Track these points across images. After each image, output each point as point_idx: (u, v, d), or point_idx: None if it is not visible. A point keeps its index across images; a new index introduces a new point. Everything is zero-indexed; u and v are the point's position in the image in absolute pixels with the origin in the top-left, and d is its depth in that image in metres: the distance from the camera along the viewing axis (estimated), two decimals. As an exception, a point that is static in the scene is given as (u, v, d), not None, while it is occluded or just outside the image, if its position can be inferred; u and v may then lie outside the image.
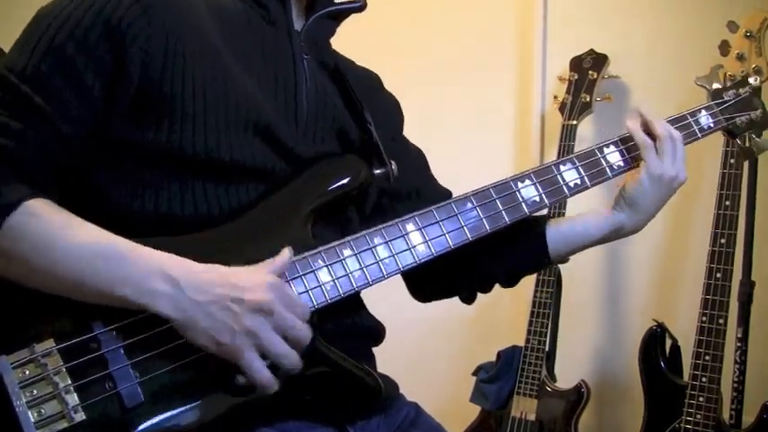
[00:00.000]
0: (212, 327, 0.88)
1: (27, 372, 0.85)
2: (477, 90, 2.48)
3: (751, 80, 1.79)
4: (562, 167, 1.14)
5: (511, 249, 1.22)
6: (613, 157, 1.19)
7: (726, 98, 1.29)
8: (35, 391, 0.84)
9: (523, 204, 1.10)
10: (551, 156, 2.31)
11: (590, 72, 2.21)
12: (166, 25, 0.94)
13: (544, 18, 2.38)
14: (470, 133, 2.49)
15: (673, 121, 1.22)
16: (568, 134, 2.19)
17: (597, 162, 1.17)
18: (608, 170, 1.18)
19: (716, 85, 1.37)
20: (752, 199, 1.96)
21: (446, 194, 1.29)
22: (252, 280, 0.90)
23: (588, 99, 2.19)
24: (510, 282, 1.28)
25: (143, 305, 0.87)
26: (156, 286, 0.87)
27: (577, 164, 1.15)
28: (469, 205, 1.07)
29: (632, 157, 1.20)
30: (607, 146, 1.19)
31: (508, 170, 2.43)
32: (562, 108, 2.23)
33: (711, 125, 1.26)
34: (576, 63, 2.25)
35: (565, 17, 2.37)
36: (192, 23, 0.97)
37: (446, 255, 1.07)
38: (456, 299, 1.34)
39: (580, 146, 2.21)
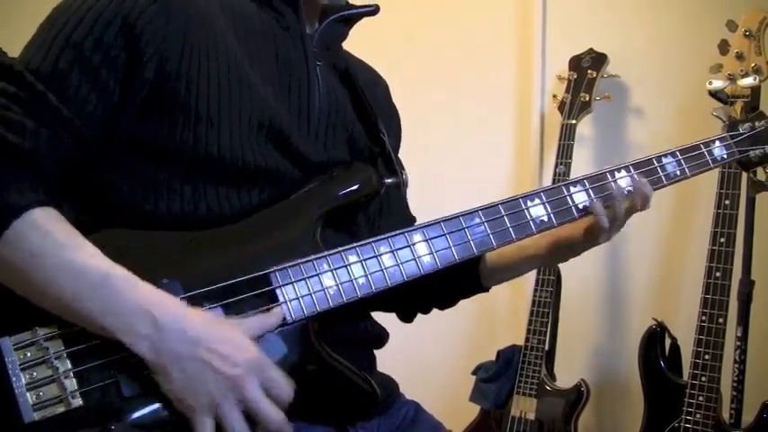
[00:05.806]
0: (181, 382, 0.86)
1: (29, 354, 0.85)
2: (477, 89, 2.49)
3: (750, 79, 1.80)
4: (572, 189, 1.14)
5: (448, 281, 1.18)
6: (624, 182, 1.17)
7: (741, 130, 1.29)
8: (35, 374, 0.84)
9: (531, 223, 1.10)
10: (551, 155, 2.31)
11: (589, 71, 2.21)
12: (184, 26, 0.94)
13: (544, 18, 2.39)
14: (470, 132, 2.49)
15: (685, 151, 1.22)
16: (568, 133, 2.18)
17: (607, 186, 1.16)
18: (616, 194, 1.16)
19: (732, 116, 1.36)
20: (751, 198, 1.96)
21: (411, 221, 1.28)
22: (236, 356, 0.87)
23: (587, 98, 2.19)
24: (448, 306, 1.31)
25: (121, 340, 0.85)
26: (138, 327, 0.85)
27: (587, 186, 1.15)
28: (477, 220, 1.07)
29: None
30: (618, 170, 1.18)
31: (508, 169, 2.46)
32: (561, 107, 2.23)
33: (725, 156, 1.25)
34: (576, 62, 2.25)
35: (564, 17, 2.38)
36: (210, 25, 0.97)
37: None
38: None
39: (579, 145, 2.22)
